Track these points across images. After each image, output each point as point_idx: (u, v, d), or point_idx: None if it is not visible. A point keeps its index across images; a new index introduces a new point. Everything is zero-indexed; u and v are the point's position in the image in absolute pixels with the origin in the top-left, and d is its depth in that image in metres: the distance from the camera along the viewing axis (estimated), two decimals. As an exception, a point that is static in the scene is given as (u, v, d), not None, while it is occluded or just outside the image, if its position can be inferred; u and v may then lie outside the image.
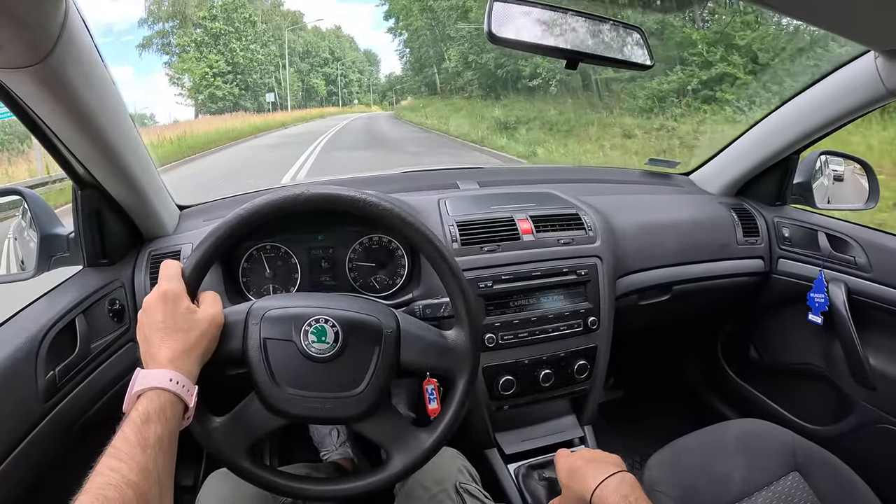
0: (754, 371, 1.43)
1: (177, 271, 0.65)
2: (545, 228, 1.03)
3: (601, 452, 0.75)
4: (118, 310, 0.92)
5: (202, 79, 32.40)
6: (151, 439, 0.52)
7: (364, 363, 0.66)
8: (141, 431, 0.52)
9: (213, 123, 23.73)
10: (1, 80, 0.62)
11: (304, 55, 48.13)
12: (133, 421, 0.53)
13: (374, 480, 0.69)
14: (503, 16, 0.86)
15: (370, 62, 66.62)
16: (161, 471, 0.51)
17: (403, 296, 0.97)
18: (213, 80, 32.42)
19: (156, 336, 0.60)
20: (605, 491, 0.65)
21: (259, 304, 0.68)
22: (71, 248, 0.93)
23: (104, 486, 0.46)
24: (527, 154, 10.45)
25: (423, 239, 0.68)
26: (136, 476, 0.48)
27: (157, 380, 0.56)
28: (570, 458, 0.75)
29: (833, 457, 0.91)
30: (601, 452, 0.75)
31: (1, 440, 0.67)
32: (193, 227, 1.05)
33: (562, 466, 0.75)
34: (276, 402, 0.65)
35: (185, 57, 32.69)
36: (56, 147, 0.79)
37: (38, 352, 0.75)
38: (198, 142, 16.02)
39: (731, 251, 1.23)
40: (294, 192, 0.66)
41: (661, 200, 1.25)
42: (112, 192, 0.89)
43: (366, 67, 62.46)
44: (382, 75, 74.91)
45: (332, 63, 52.91)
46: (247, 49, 34.59)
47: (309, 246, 1.00)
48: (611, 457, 0.73)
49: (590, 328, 1.03)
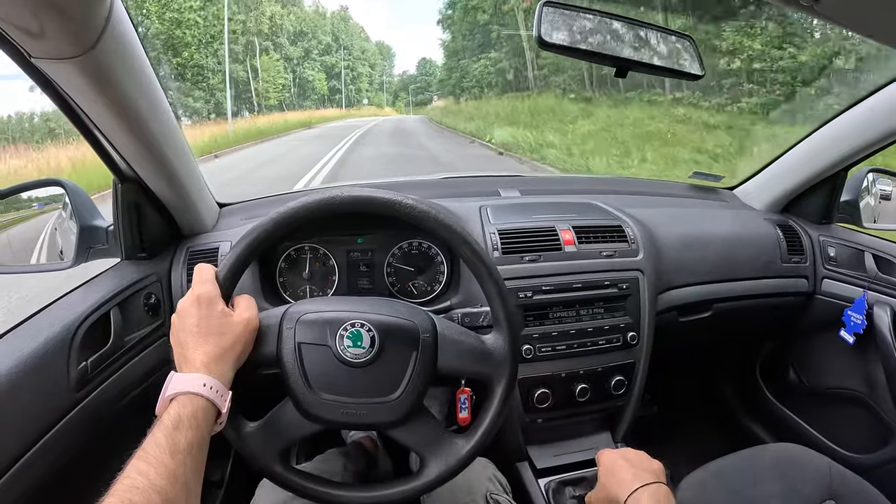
0: (792, 393, 1.39)
1: (211, 274, 0.64)
2: (588, 240, 1.01)
3: (644, 457, 0.73)
4: (153, 304, 0.91)
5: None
6: (182, 445, 0.51)
7: (401, 368, 0.65)
8: (172, 436, 0.51)
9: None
10: (45, 70, 0.63)
11: (297, 37, 36.29)
12: (164, 425, 0.52)
13: (409, 487, 0.68)
14: (553, 21, 0.85)
15: (383, 56, 55.64)
16: (189, 477, 0.51)
17: (441, 302, 0.96)
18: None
19: (190, 339, 0.60)
20: (638, 499, 0.64)
21: (294, 308, 0.67)
22: (109, 241, 0.93)
23: (130, 489, 0.46)
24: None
25: (461, 241, 0.67)
26: (163, 481, 0.47)
27: (191, 384, 0.55)
28: (612, 456, 0.74)
29: (870, 486, 0.88)
30: (644, 457, 0.73)
31: (30, 428, 0.67)
32: (232, 224, 1.05)
33: (603, 462, 0.74)
34: (311, 407, 0.64)
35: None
36: (97, 139, 0.79)
37: (72, 342, 0.75)
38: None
39: (775, 269, 1.20)
40: (329, 195, 0.65)
41: (704, 215, 1.22)
42: (152, 187, 0.89)
43: (378, 61, 52.86)
44: (396, 73, 68.74)
45: (337, 51, 41.84)
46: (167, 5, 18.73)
47: (348, 248, 1.00)
48: (653, 463, 0.71)
49: (629, 343, 1.01)
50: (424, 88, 78.63)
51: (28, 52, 0.59)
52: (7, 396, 0.64)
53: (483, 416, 0.69)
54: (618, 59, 0.87)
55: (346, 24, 46.20)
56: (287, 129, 23.53)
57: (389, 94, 59.76)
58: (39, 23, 0.54)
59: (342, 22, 45.73)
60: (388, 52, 59.26)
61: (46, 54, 0.59)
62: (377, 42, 57.41)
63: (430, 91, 76.29)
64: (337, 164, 10.26)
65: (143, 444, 0.51)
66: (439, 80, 45.99)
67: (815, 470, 0.89)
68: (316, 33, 40.15)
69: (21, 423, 0.66)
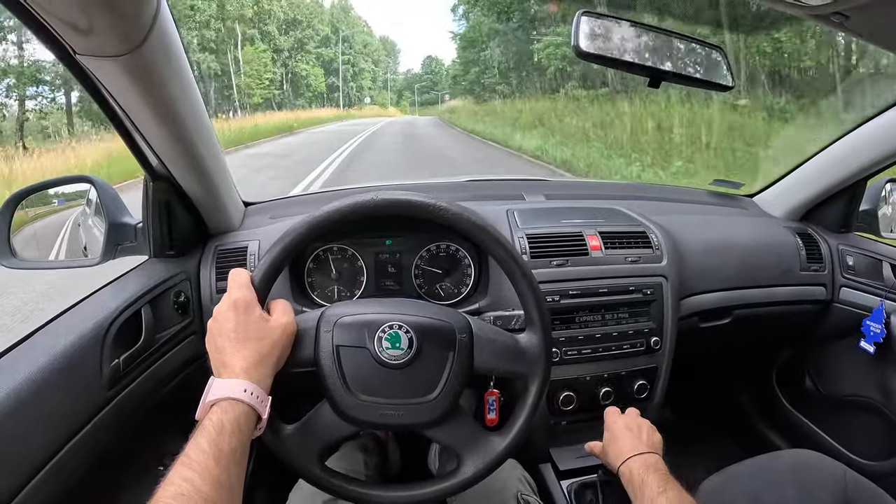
0: (808, 400, 1.40)
1: (247, 279, 0.64)
2: (614, 245, 1.02)
3: (646, 427, 0.81)
4: (183, 302, 0.92)
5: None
6: (226, 451, 0.51)
7: (438, 369, 0.66)
8: (216, 442, 0.51)
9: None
10: (89, 67, 0.63)
11: (290, 25, 30.59)
12: (207, 431, 0.52)
13: (447, 486, 0.68)
14: (590, 31, 0.86)
15: (387, 52, 50.99)
16: (233, 483, 0.51)
17: (469, 305, 0.97)
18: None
19: (228, 345, 0.59)
20: (630, 466, 0.73)
21: (331, 311, 0.67)
22: (138, 238, 0.93)
23: (176, 496, 0.46)
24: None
25: (495, 243, 0.68)
26: (208, 488, 0.47)
27: (232, 390, 0.55)
28: (617, 423, 0.82)
29: (885, 494, 0.88)
30: (646, 427, 0.81)
31: (64, 425, 0.67)
32: (259, 223, 1.05)
33: (608, 424, 0.84)
34: (349, 409, 0.65)
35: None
36: (132, 137, 0.79)
37: (105, 339, 0.75)
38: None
39: (794, 277, 1.20)
40: (365, 198, 0.66)
41: (725, 222, 1.23)
42: (184, 186, 0.90)
43: (381, 58, 47.90)
44: (401, 72, 63.00)
45: (336, 44, 37.08)
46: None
47: (376, 250, 1.00)
48: (654, 435, 0.80)
49: (652, 348, 1.02)
50: (430, 88, 76.06)
51: (73, 48, 0.59)
52: (41, 393, 0.64)
53: (518, 414, 0.70)
54: (651, 69, 0.88)
55: (346, 15, 40.39)
56: (255, 137, 16.76)
57: (394, 92, 54.96)
58: (89, 19, 0.54)
59: (343, 13, 39.90)
60: (392, 48, 54.33)
61: (91, 51, 0.59)
62: (381, 37, 52.32)
63: (437, 90, 74.02)
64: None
65: (185, 450, 0.50)
66: (452, 76, 41.26)
67: (830, 476, 0.90)
68: (312, 22, 33.93)
69: (55, 420, 0.66)
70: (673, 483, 0.70)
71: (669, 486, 0.69)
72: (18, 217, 0.93)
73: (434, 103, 75.05)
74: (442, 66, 78.51)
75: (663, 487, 0.68)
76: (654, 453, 0.75)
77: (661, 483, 0.69)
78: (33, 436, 0.62)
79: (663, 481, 0.69)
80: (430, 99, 77.17)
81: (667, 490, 0.68)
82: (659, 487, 0.68)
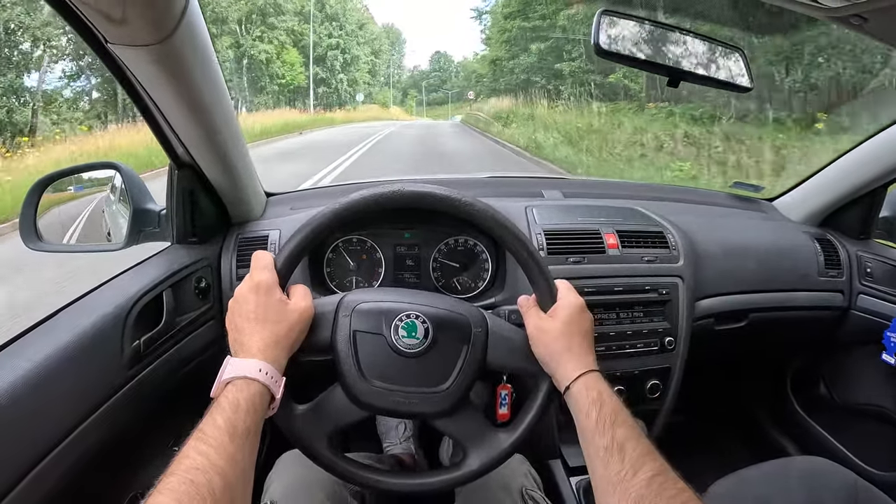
0: (821, 407, 1.39)
1: (269, 262, 0.65)
2: (630, 244, 1.02)
3: (586, 343, 0.68)
4: (204, 288, 0.93)
5: None
6: (240, 428, 0.52)
7: (451, 360, 0.67)
8: (231, 419, 0.52)
9: None
10: (119, 55, 0.64)
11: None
12: (222, 408, 0.53)
13: (451, 477, 0.69)
14: (610, 29, 0.86)
15: (391, 41, 39.74)
16: (247, 460, 0.52)
17: (486, 299, 0.97)
18: None
19: (247, 325, 0.61)
20: (580, 386, 0.63)
21: (350, 297, 0.69)
22: (161, 224, 0.95)
23: (191, 469, 0.46)
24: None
25: (516, 241, 0.68)
26: (223, 462, 0.48)
27: (248, 369, 0.56)
28: (553, 331, 0.67)
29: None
30: (586, 343, 0.68)
31: (84, 402, 0.69)
32: (280, 213, 1.07)
33: (541, 332, 0.68)
34: (361, 394, 0.66)
35: None
36: (159, 125, 0.81)
37: (127, 320, 0.77)
38: None
39: (811, 282, 1.19)
40: (390, 189, 0.67)
41: (744, 224, 1.22)
42: (208, 174, 0.91)
43: (384, 48, 37.04)
44: (407, 67, 53.27)
45: (321, 24, 27.47)
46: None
47: (395, 242, 1.01)
48: (591, 354, 0.68)
49: (666, 348, 1.01)
50: (438, 86, 72.12)
51: (105, 36, 0.60)
52: (62, 370, 0.66)
53: (526, 412, 0.70)
54: (671, 68, 0.88)
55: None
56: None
57: (398, 89, 48.36)
58: (122, 9, 0.56)
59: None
60: (397, 38, 43.67)
61: (123, 40, 0.61)
62: (384, 25, 42.23)
63: (446, 89, 69.89)
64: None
65: (200, 426, 0.51)
66: (477, 74, 35.09)
67: (841, 484, 0.89)
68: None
69: (75, 396, 0.68)
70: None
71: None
72: (46, 200, 0.95)
73: (443, 103, 70.14)
74: (451, 63, 73.45)
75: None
76: (594, 370, 0.65)
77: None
78: (53, 411, 0.64)
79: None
80: (438, 98, 72.77)
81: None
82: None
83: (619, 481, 0.56)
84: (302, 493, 0.78)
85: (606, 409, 0.61)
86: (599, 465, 0.59)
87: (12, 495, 0.57)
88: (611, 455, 0.58)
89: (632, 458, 0.57)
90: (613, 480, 0.56)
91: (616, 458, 0.57)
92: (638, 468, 0.56)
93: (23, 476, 0.59)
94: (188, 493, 0.44)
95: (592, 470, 0.60)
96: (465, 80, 71.59)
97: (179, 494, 0.44)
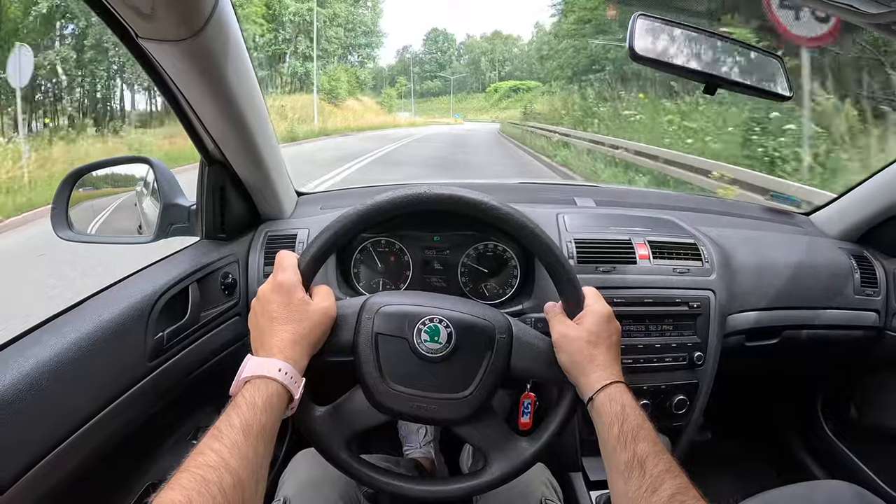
0: (851, 430, 1.34)
1: (293, 262, 0.65)
2: (662, 255, 1.00)
3: (613, 353, 0.67)
4: (230, 284, 0.94)
5: None
6: (255, 428, 0.52)
7: (474, 366, 0.66)
8: (246, 418, 0.52)
9: None
10: (150, 50, 0.65)
11: None
12: (239, 406, 0.53)
13: (470, 485, 0.68)
14: (646, 34, 0.85)
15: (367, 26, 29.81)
16: (260, 460, 0.52)
17: (513, 306, 0.96)
18: None
19: (268, 324, 0.61)
20: (604, 397, 0.62)
21: (374, 299, 0.68)
22: (191, 220, 0.96)
23: (203, 465, 0.46)
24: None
25: (543, 246, 0.67)
26: (235, 461, 0.48)
27: (267, 369, 0.56)
28: (579, 339, 0.65)
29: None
30: (613, 353, 0.67)
31: (105, 390, 0.69)
32: (310, 213, 1.07)
33: (567, 340, 0.66)
34: (382, 397, 0.65)
35: None
36: (191, 121, 0.81)
37: (151, 313, 0.77)
38: None
39: (846, 301, 1.15)
40: (417, 191, 0.66)
41: (779, 239, 1.19)
42: (238, 171, 0.92)
43: (346, 12, 27.73)
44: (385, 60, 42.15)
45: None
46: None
47: (424, 245, 1.01)
48: (616, 364, 0.66)
49: (695, 363, 0.99)
50: (435, 73, 59.64)
51: (136, 31, 0.61)
52: (85, 358, 0.66)
53: (549, 422, 0.69)
54: (708, 75, 0.86)
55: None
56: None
57: (370, 75, 34.13)
58: (152, 4, 0.56)
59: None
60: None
61: (153, 35, 0.61)
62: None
63: (443, 75, 58.67)
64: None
65: (216, 424, 0.51)
66: (544, 57, 25.67)
67: None
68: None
69: (96, 384, 0.68)
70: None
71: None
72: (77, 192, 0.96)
73: (440, 94, 58.76)
74: (453, 43, 61.54)
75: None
76: (619, 381, 0.63)
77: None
78: (73, 397, 0.64)
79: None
80: (433, 88, 59.36)
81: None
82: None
83: (638, 498, 0.55)
84: (315, 491, 0.78)
85: (629, 423, 0.60)
86: (619, 481, 0.58)
87: (28, 476, 0.58)
88: (631, 471, 0.57)
89: (652, 475, 0.56)
90: (633, 497, 0.56)
91: (637, 473, 0.56)
92: (658, 485, 0.55)
93: (39, 459, 0.59)
94: (198, 490, 0.44)
95: (612, 484, 0.60)
96: (469, 65, 60.75)
97: (189, 491, 0.44)
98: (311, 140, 17.20)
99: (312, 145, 15.72)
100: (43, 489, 0.60)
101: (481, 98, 58.69)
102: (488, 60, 60.98)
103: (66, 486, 0.64)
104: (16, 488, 0.56)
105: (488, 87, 58.49)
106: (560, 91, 17.88)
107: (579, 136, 11.77)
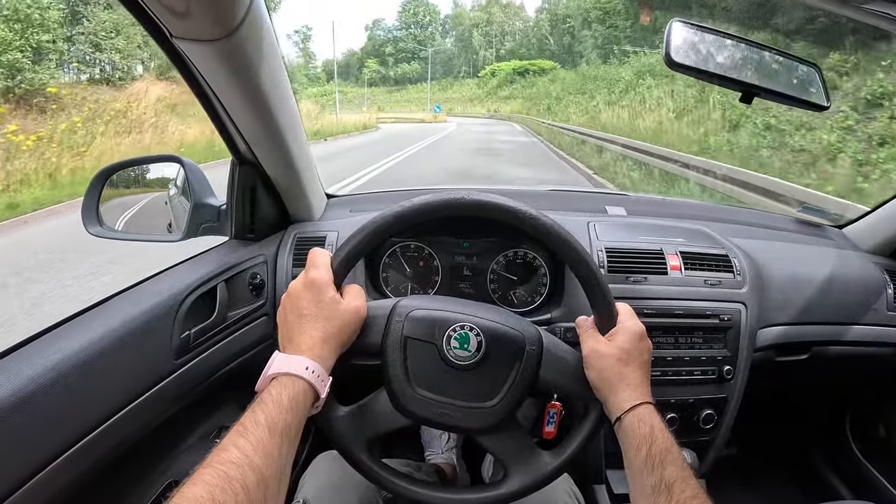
0: (880, 452, 1.31)
1: (326, 260, 0.64)
2: (693, 266, 0.98)
3: (642, 371, 0.66)
4: (258, 284, 0.94)
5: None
6: (280, 425, 0.51)
7: (502, 376, 0.65)
8: (271, 415, 0.51)
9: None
10: (184, 50, 0.65)
11: None
12: (264, 403, 0.52)
13: (490, 495, 0.67)
14: (683, 41, 0.84)
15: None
16: (284, 458, 0.51)
17: (541, 314, 0.95)
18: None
19: (297, 322, 0.60)
20: (633, 418, 0.61)
21: (405, 303, 0.67)
22: (220, 219, 0.96)
23: (226, 462, 0.46)
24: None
25: (581, 260, 0.66)
26: (259, 458, 0.48)
27: (294, 366, 0.56)
28: (610, 356, 0.64)
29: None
30: (642, 371, 0.66)
31: (130, 386, 0.69)
32: (340, 215, 1.07)
33: (597, 356, 0.65)
34: (406, 401, 0.64)
35: None
36: (223, 121, 0.82)
37: (178, 311, 0.78)
38: None
39: (879, 317, 1.12)
40: (455, 196, 0.65)
41: (811, 252, 1.17)
42: (269, 172, 0.92)
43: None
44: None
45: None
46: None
47: (453, 251, 1.00)
48: (646, 383, 0.65)
49: (724, 377, 0.97)
50: (412, 53, 47.99)
51: (170, 30, 0.61)
52: (111, 354, 0.66)
53: (574, 437, 0.68)
54: (744, 83, 0.85)
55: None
56: None
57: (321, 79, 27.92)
58: (187, 3, 0.56)
59: None
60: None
61: (187, 34, 0.61)
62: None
63: (423, 56, 46.34)
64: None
65: (241, 420, 0.51)
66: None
67: None
68: None
69: (121, 381, 0.68)
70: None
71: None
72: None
73: (419, 80, 45.62)
74: (437, 16, 48.62)
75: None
76: (648, 403, 0.63)
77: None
78: (98, 392, 0.65)
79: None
80: (410, 73, 46.68)
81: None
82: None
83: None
84: (334, 494, 0.77)
85: (658, 445, 0.59)
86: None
87: (51, 468, 0.58)
88: (658, 495, 0.56)
89: (679, 501, 0.55)
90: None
91: (664, 499, 0.55)
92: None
93: (64, 451, 0.59)
94: (221, 486, 0.44)
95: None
96: (458, 42, 47.61)
97: (212, 487, 0.44)
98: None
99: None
100: (65, 481, 0.60)
101: (473, 85, 46.76)
102: (482, 35, 48.35)
103: (88, 479, 0.64)
104: (38, 479, 0.56)
105: (482, 71, 46.06)
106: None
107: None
